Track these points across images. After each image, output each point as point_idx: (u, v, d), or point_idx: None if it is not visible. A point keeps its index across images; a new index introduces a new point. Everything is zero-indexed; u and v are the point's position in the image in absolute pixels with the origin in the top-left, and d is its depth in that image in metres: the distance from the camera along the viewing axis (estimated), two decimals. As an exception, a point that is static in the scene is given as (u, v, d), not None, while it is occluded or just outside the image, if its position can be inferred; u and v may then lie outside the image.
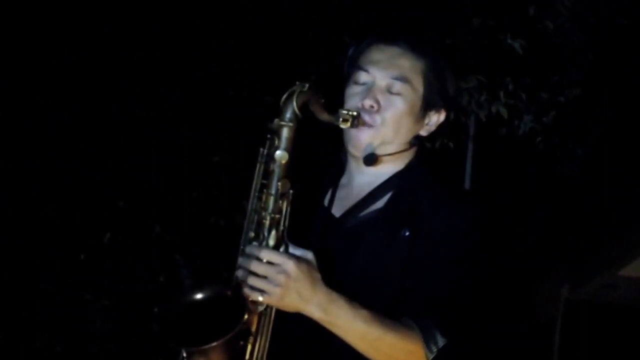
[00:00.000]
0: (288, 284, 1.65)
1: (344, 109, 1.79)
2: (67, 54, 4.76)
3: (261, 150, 1.75)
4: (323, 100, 1.76)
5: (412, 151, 1.96)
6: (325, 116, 1.77)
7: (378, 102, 1.88)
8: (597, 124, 5.47)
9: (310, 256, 1.70)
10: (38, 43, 4.69)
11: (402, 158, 1.94)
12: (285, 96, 1.72)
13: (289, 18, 4.96)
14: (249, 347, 1.71)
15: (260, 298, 1.66)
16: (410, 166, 1.95)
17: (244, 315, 1.64)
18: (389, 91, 1.89)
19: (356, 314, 1.70)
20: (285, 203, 1.73)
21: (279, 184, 1.72)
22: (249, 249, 1.70)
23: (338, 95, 1.94)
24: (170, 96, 4.89)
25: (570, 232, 6.05)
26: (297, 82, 1.73)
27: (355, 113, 1.79)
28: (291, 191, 1.74)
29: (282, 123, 1.71)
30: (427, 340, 1.75)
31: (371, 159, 1.89)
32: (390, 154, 1.92)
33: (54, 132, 4.77)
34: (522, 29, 4.69)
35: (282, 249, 1.71)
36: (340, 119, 1.78)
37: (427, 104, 1.93)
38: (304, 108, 1.72)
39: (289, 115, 1.72)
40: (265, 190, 1.73)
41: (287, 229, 1.73)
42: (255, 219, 1.75)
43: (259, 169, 1.76)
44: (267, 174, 1.74)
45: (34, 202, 4.77)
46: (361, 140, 1.88)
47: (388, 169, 1.93)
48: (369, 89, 1.89)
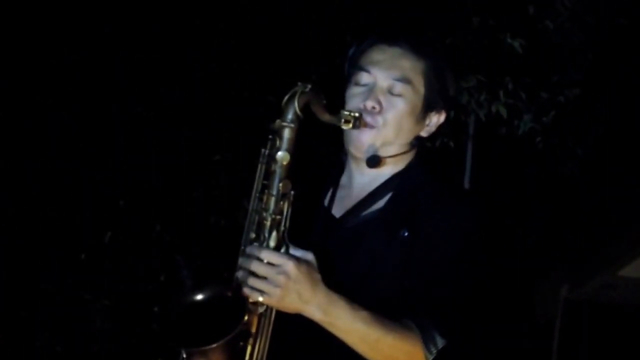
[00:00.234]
0: (288, 285, 1.65)
1: (346, 110, 1.79)
2: (67, 54, 4.76)
3: (263, 150, 1.75)
4: (324, 101, 1.76)
5: (412, 152, 1.96)
6: (327, 117, 1.77)
7: (380, 103, 1.88)
8: (597, 124, 5.46)
9: (310, 257, 1.70)
10: (38, 43, 4.69)
11: (402, 159, 1.94)
12: (287, 97, 1.72)
13: (289, 18, 4.96)
14: (249, 348, 1.71)
15: (260, 298, 1.66)
16: (410, 167, 1.95)
17: (244, 316, 1.64)
18: (391, 92, 1.89)
19: (356, 315, 1.70)
20: (286, 204, 1.73)
21: (280, 184, 1.72)
22: (249, 250, 1.70)
23: (339, 96, 1.94)
24: (170, 96, 4.88)
25: (570, 232, 6.05)
26: (299, 83, 1.72)
27: (357, 114, 1.79)
28: (292, 192, 1.74)
29: (284, 124, 1.71)
30: (426, 341, 1.76)
31: (374, 161, 1.89)
32: (392, 155, 1.92)
33: (54, 132, 4.77)
34: (522, 28, 4.68)
35: (283, 249, 1.71)
36: (342, 120, 1.78)
37: (428, 104, 1.93)
38: (305, 109, 1.72)
39: (290, 116, 1.71)
40: (266, 191, 1.73)
41: (287, 230, 1.73)
42: (256, 220, 1.75)
43: (260, 169, 1.76)
44: (269, 175, 1.74)
45: (34, 202, 4.77)
46: (363, 141, 1.88)
47: (388, 169, 1.93)
48: (370, 90, 1.89)
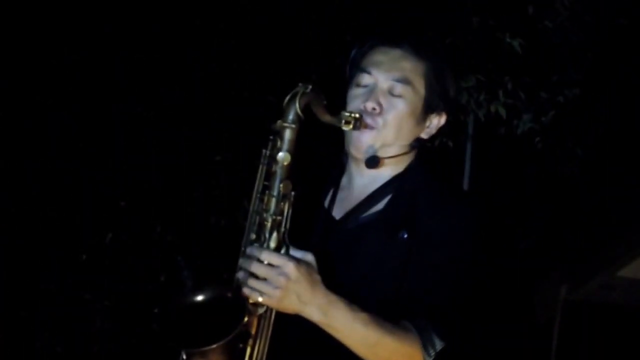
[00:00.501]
0: (288, 286, 1.65)
1: (347, 111, 1.80)
2: (67, 54, 4.75)
3: (264, 151, 1.75)
4: (325, 102, 1.76)
5: (412, 154, 1.96)
6: (327, 118, 1.77)
7: (380, 105, 1.88)
8: (597, 124, 5.45)
9: (310, 258, 1.70)
10: (38, 43, 4.69)
11: (402, 160, 1.94)
12: (288, 97, 1.72)
13: (289, 18, 4.96)
14: (248, 350, 1.71)
15: (259, 299, 1.66)
16: (410, 168, 1.95)
17: (244, 317, 1.64)
18: (391, 93, 1.90)
19: (355, 316, 1.70)
20: (286, 205, 1.73)
21: (281, 185, 1.72)
22: (249, 250, 1.70)
23: (339, 97, 1.94)
24: (170, 96, 4.88)
25: (570, 232, 6.04)
26: (300, 84, 1.72)
27: (357, 115, 1.79)
28: (293, 193, 1.74)
29: (285, 124, 1.71)
30: (425, 344, 1.76)
31: (373, 162, 1.89)
32: (392, 156, 1.92)
33: (54, 132, 4.76)
34: (522, 28, 4.68)
35: (283, 250, 1.71)
36: (343, 121, 1.78)
37: (429, 106, 1.93)
38: (306, 109, 1.72)
39: (291, 116, 1.71)
40: (267, 192, 1.73)
41: (288, 231, 1.73)
42: (257, 221, 1.75)
43: (261, 170, 1.76)
44: (269, 176, 1.74)
45: (34, 202, 4.76)
46: (363, 142, 1.89)
47: (388, 171, 1.93)
48: (371, 91, 1.89)
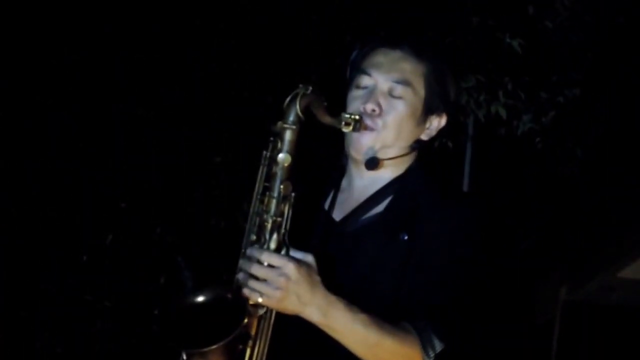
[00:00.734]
0: (288, 287, 1.64)
1: (347, 113, 1.79)
2: (67, 54, 4.76)
3: (264, 152, 1.74)
4: (326, 103, 1.75)
5: (412, 155, 1.95)
6: (327, 119, 1.77)
7: (380, 106, 1.88)
8: (597, 124, 5.45)
9: (310, 259, 1.70)
10: (38, 43, 4.69)
11: (402, 162, 1.94)
12: (288, 99, 1.71)
13: (289, 18, 4.96)
14: (248, 351, 1.70)
15: (260, 300, 1.66)
16: (410, 170, 1.95)
17: (244, 318, 1.64)
18: (391, 95, 1.89)
19: (355, 318, 1.70)
20: (287, 206, 1.73)
21: (281, 186, 1.71)
22: (249, 252, 1.69)
23: (339, 97, 1.94)
24: (170, 96, 4.88)
25: (570, 232, 6.05)
26: (300, 85, 1.72)
27: (357, 117, 1.78)
28: (293, 194, 1.73)
29: (285, 125, 1.71)
30: (425, 345, 1.75)
31: (372, 163, 1.89)
32: (392, 157, 1.91)
33: (54, 132, 4.76)
34: (522, 28, 4.68)
35: (283, 251, 1.70)
36: (343, 123, 1.78)
37: (428, 107, 1.93)
38: (306, 111, 1.72)
39: (292, 117, 1.71)
40: (267, 193, 1.73)
41: (288, 232, 1.73)
42: (257, 222, 1.74)
43: (261, 171, 1.75)
44: (270, 177, 1.73)
45: (34, 202, 4.77)
46: (362, 144, 1.88)
47: (388, 173, 1.93)
48: (370, 93, 1.89)
